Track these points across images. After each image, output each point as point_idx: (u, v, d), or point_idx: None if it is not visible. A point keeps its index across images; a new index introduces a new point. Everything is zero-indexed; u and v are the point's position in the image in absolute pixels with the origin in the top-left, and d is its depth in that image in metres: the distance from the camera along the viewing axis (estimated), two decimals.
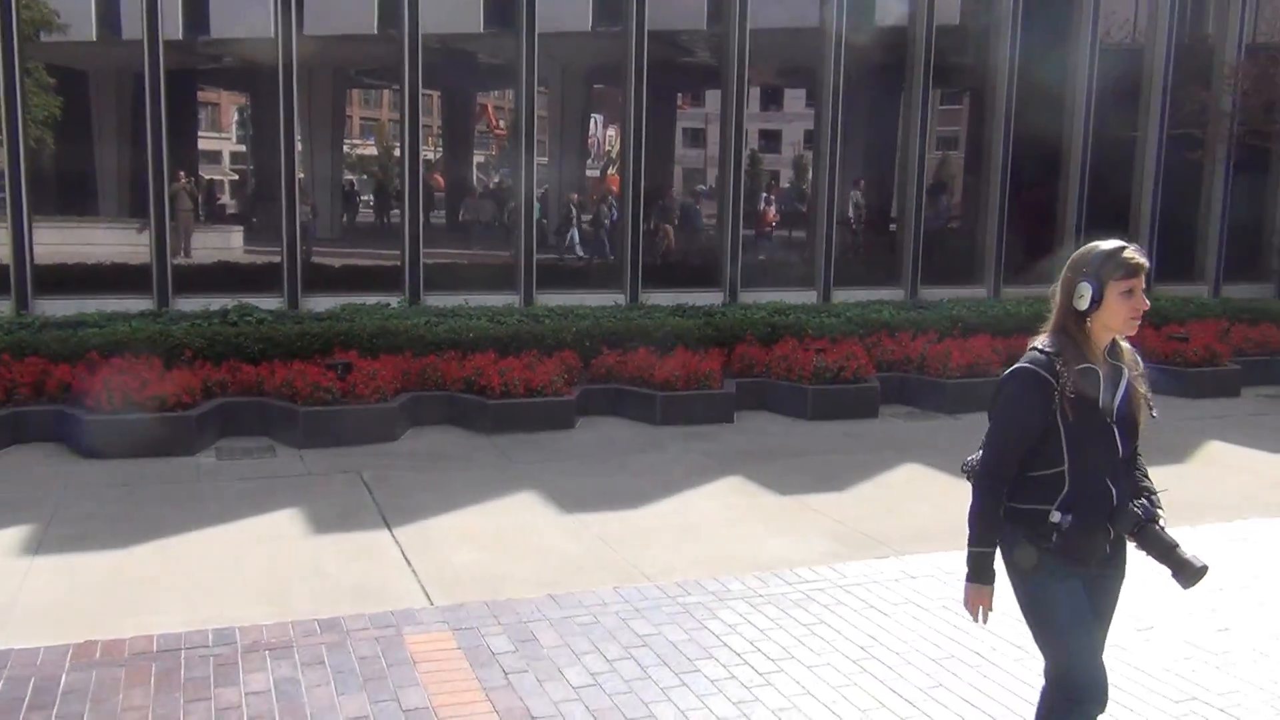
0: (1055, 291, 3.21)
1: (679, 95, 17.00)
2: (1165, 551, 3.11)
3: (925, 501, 7.50)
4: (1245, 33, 15.49)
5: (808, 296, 13.30)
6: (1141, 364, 3.27)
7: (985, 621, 3.32)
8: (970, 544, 3.24)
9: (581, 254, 13.90)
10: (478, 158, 18.60)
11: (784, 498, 7.49)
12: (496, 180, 16.02)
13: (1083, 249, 3.19)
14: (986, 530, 3.21)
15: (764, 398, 10.38)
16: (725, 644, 4.94)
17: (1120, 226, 15.19)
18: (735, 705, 4.35)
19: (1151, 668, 4.81)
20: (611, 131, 16.81)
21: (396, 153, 12.15)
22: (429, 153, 13.17)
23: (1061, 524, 3.09)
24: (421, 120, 11.97)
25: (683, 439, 9.20)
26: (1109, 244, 3.15)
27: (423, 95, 11.98)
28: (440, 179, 15.78)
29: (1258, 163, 15.68)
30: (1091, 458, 3.10)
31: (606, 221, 13.97)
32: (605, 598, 5.47)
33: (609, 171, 16.09)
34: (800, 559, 6.17)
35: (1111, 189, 15.12)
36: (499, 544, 6.41)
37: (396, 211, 12.38)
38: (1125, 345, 3.24)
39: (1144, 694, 4.55)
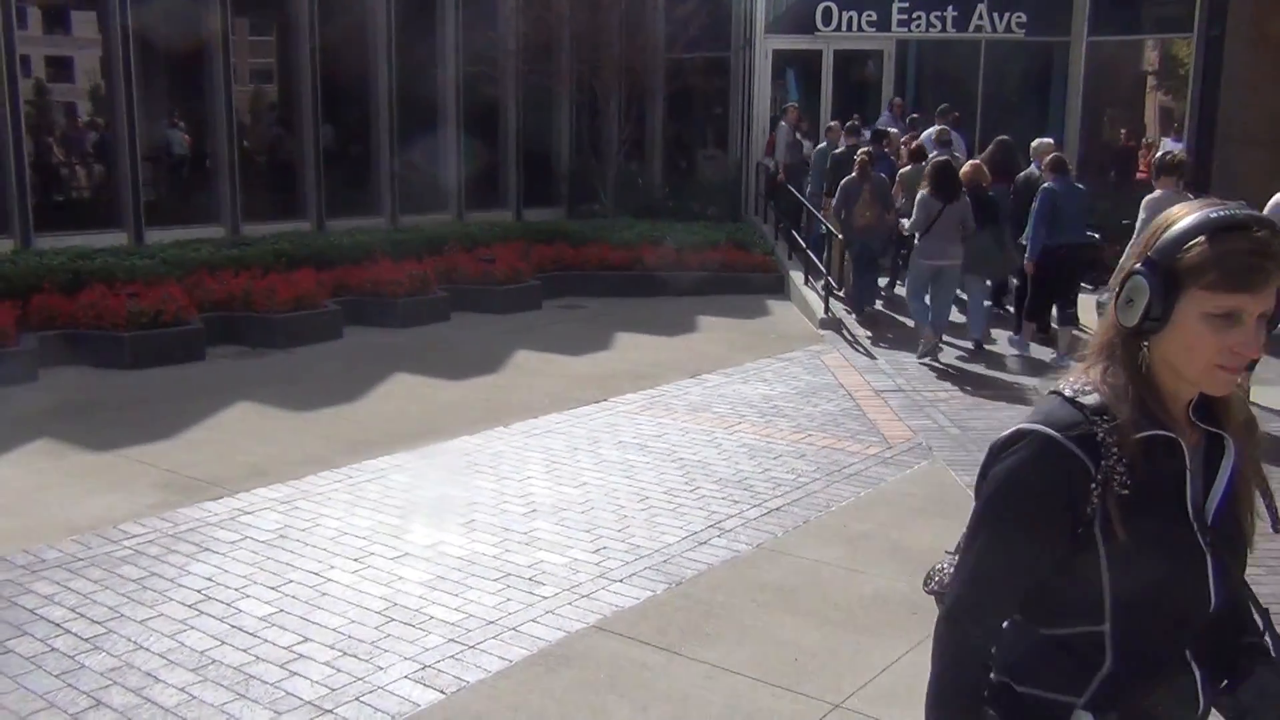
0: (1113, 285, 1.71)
1: None
2: None
3: (260, 439, 7.43)
4: None
5: (117, 239, 12.30)
6: (1257, 426, 1.79)
7: None
8: None
9: None
10: None
11: (104, 454, 6.96)
12: None
13: (1169, 211, 1.68)
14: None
15: (75, 350, 9.47)
16: (41, 617, 4.52)
17: (430, 156, 16.09)
18: (56, 677, 4.02)
19: (474, 554, 5.30)
20: None
21: None
22: None
23: None
24: None
25: None
26: (1208, 211, 1.63)
27: None
28: None
29: (544, 98, 17.44)
30: (1160, 608, 1.68)
31: None
32: None
33: None
34: (126, 514, 5.80)
35: (419, 121, 15.88)
36: None
37: None
38: (1237, 393, 1.72)
39: (466, 578, 5.01)
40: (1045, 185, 9.36)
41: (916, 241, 9.59)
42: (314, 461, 6.79)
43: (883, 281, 12.59)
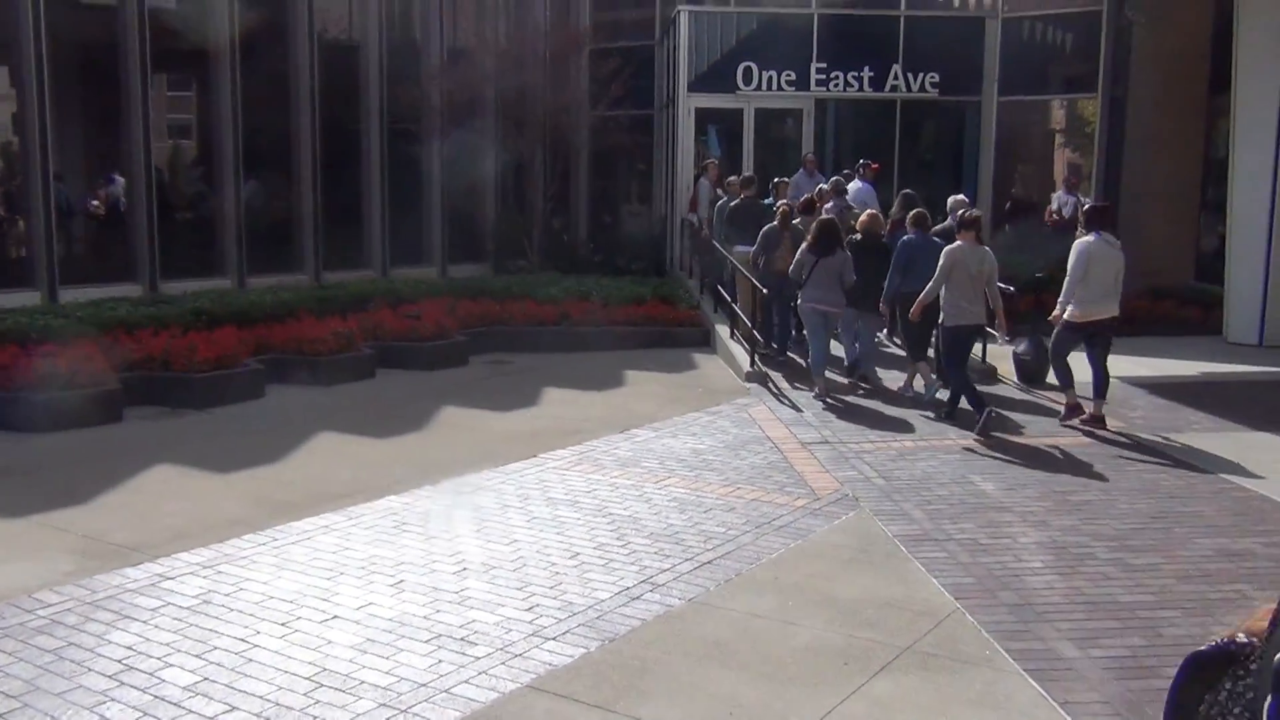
0: None
1: None
2: None
3: (181, 500, 7.27)
4: (446, 37, 17.16)
5: (30, 298, 12.02)
6: None
7: None
8: None
9: None
10: None
11: (16, 520, 6.74)
12: None
13: None
14: None
15: None
16: None
17: (354, 214, 16.03)
18: None
19: (405, 615, 5.23)
20: None
21: None
22: None
23: None
24: None
25: None
26: None
27: None
28: None
29: (470, 155, 17.49)
30: None
31: None
32: None
33: None
34: (41, 583, 5.62)
35: (343, 178, 15.85)
36: None
37: None
38: None
39: (397, 639, 4.94)
40: (904, 238, 10.26)
41: (801, 289, 10.55)
42: (237, 524, 6.66)
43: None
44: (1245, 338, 13.08)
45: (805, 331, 10.96)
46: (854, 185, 13.88)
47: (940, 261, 9.18)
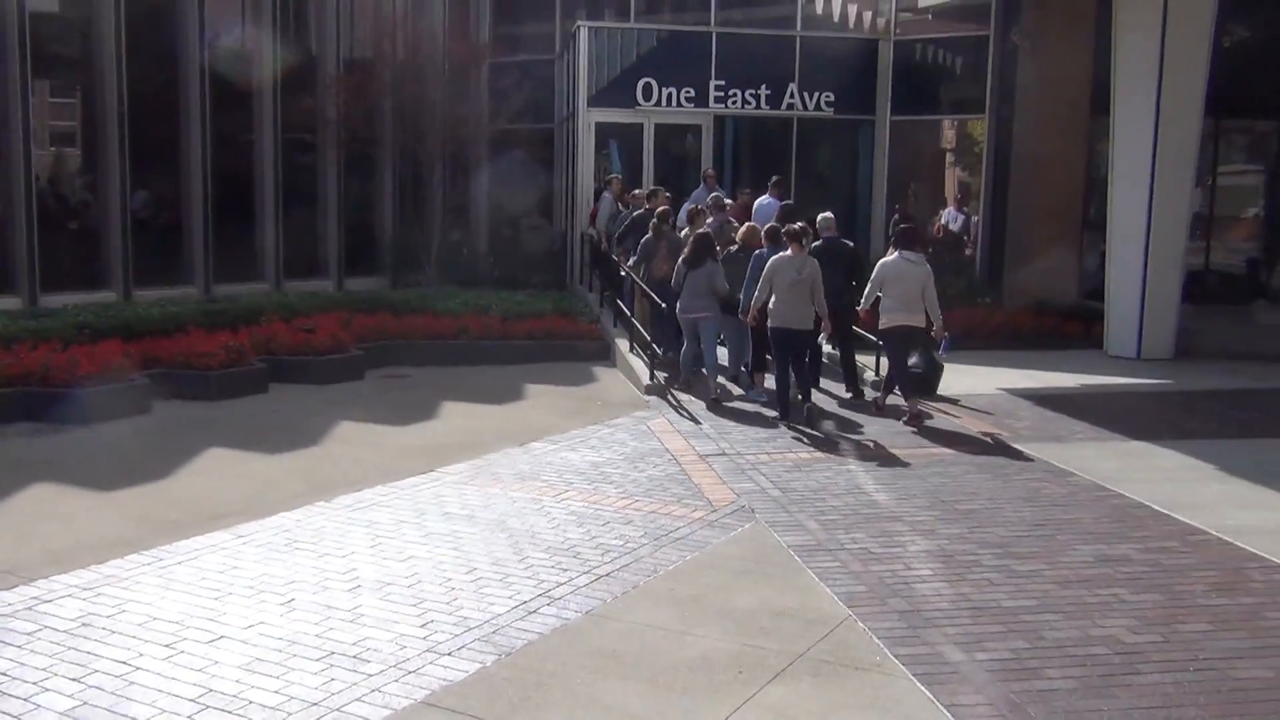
0: None
1: None
2: None
3: (59, 521, 7.01)
4: (342, 48, 16.93)
5: None
6: None
7: None
8: None
9: None
10: None
11: None
12: None
13: None
14: None
15: None
16: None
17: (246, 226, 15.69)
18: None
19: (295, 634, 5.12)
20: None
21: None
22: None
23: None
24: None
25: None
26: None
27: None
28: None
29: (366, 166, 17.29)
30: None
31: None
32: None
33: None
34: None
35: (235, 189, 15.50)
36: None
37: None
38: None
39: (287, 659, 4.83)
40: (758, 252, 10.65)
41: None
42: (120, 544, 6.44)
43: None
44: (1124, 351, 13.62)
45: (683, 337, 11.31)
46: (764, 200, 14.11)
47: (763, 271, 9.93)
